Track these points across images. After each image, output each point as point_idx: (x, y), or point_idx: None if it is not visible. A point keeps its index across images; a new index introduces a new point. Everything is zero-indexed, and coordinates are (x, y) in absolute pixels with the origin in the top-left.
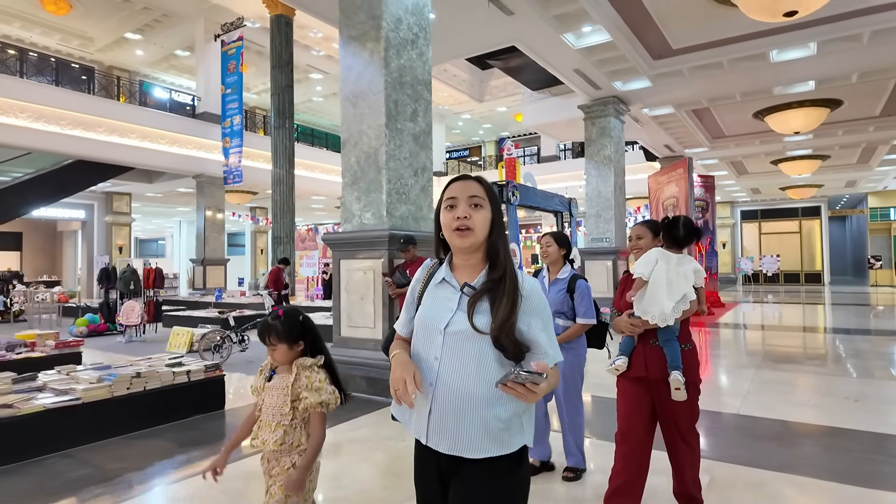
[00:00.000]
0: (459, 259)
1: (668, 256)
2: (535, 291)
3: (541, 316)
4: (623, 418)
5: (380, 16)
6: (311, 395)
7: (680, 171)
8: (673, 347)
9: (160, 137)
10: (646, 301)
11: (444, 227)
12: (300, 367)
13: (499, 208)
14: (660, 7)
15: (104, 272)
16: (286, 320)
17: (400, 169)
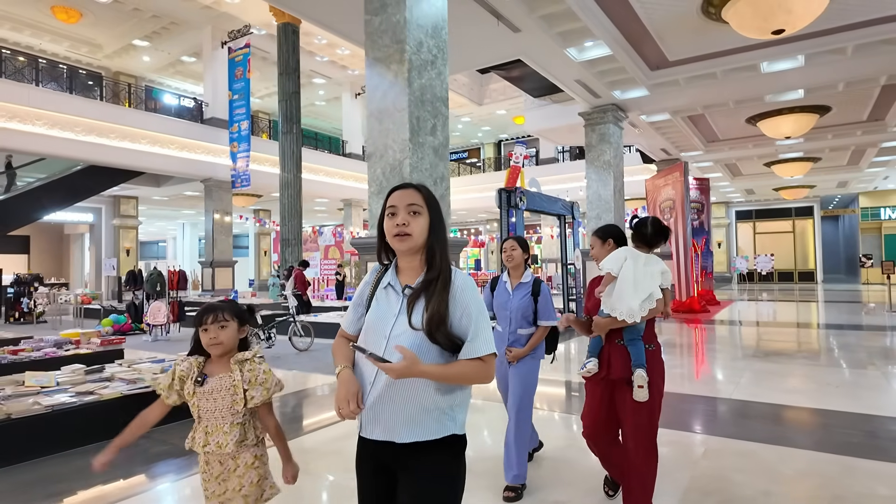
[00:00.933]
0: (402, 262)
1: (636, 255)
2: (467, 285)
3: (471, 307)
4: (586, 416)
5: (403, 40)
6: (257, 391)
7: (676, 174)
8: (637, 346)
9: (170, 142)
10: (614, 298)
11: (387, 232)
12: (238, 362)
13: (438, 214)
14: (656, 23)
15: (131, 275)
16: (233, 304)
17: (422, 179)
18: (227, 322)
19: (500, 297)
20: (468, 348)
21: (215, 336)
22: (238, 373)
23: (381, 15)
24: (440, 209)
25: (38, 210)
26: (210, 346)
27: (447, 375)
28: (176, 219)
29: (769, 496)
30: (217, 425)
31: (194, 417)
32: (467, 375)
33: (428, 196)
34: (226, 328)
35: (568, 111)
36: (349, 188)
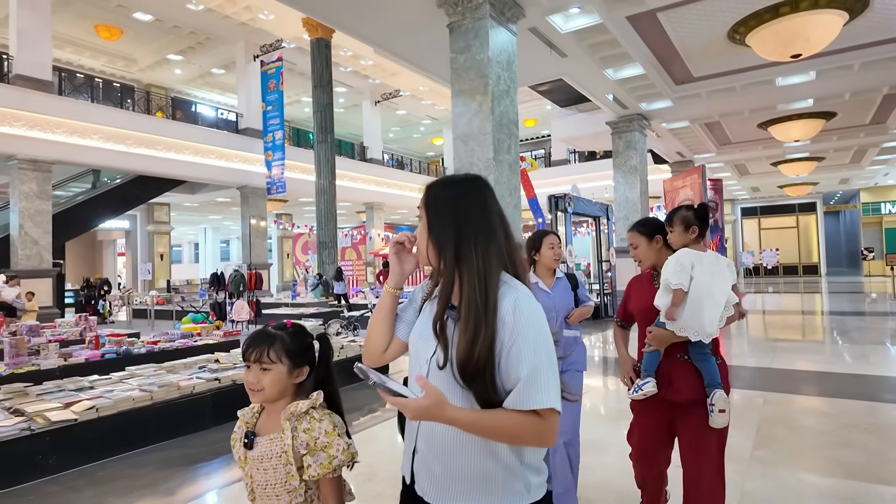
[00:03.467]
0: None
1: (699, 256)
2: (521, 310)
3: (526, 340)
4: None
5: (487, 75)
6: (316, 461)
7: (694, 176)
8: (710, 363)
9: (210, 152)
10: (687, 316)
11: None
12: (292, 417)
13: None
14: (686, 47)
15: (214, 276)
16: (297, 333)
17: (501, 191)
18: (272, 364)
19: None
20: (518, 394)
21: (256, 381)
22: (290, 433)
23: (465, 54)
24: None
25: (94, 218)
26: (249, 391)
27: (481, 426)
28: (199, 223)
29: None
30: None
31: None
32: (513, 431)
33: (428, 191)
34: (269, 371)
35: (594, 119)
36: (370, 192)
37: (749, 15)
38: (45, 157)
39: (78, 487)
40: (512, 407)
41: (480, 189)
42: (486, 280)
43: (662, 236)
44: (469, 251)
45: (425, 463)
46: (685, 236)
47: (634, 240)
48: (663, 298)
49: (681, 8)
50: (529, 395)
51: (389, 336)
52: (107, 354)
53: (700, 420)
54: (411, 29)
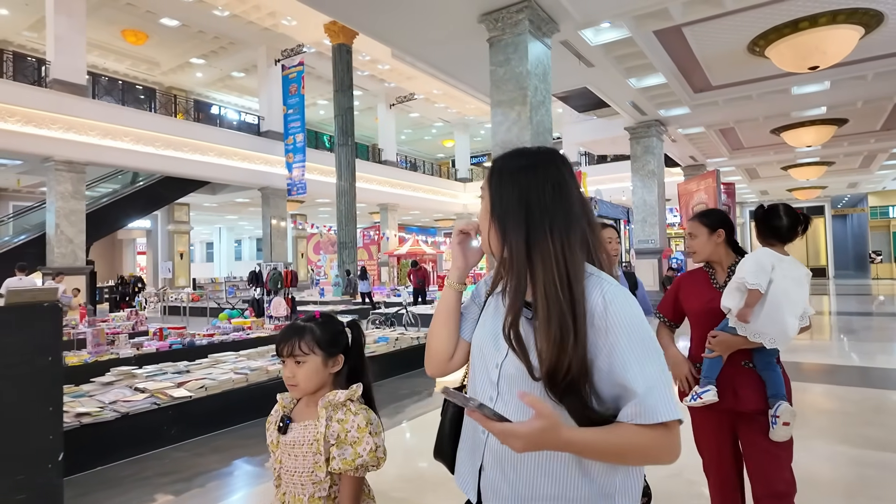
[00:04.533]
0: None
1: (780, 259)
2: (614, 304)
3: (630, 340)
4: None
5: (526, 87)
6: (341, 454)
7: (709, 180)
8: (775, 372)
9: (233, 154)
10: (763, 320)
11: None
12: (329, 406)
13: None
14: (707, 58)
15: (253, 274)
16: (327, 322)
17: None
18: (306, 356)
19: None
20: (640, 406)
21: (292, 375)
22: (324, 421)
23: (504, 66)
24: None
25: (123, 218)
26: (289, 388)
27: (606, 449)
28: (215, 223)
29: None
30: (295, 494)
31: (273, 477)
32: (643, 450)
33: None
34: (303, 364)
35: (611, 125)
36: (385, 193)
37: (769, 29)
38: (80, 158)
39: (202, 454)
40: (632, 421)
41: (557, 164)
42: (570, 271)
43: (725, 231)
44: (544, 236)
45: (492, 483)
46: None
47: (694, 230)
48: (733, 299)
49: (705, 22)
50: (655, 407)
51: (455, 340)
52: (173, 345)
53: (766, 431)
54: (450, 42)
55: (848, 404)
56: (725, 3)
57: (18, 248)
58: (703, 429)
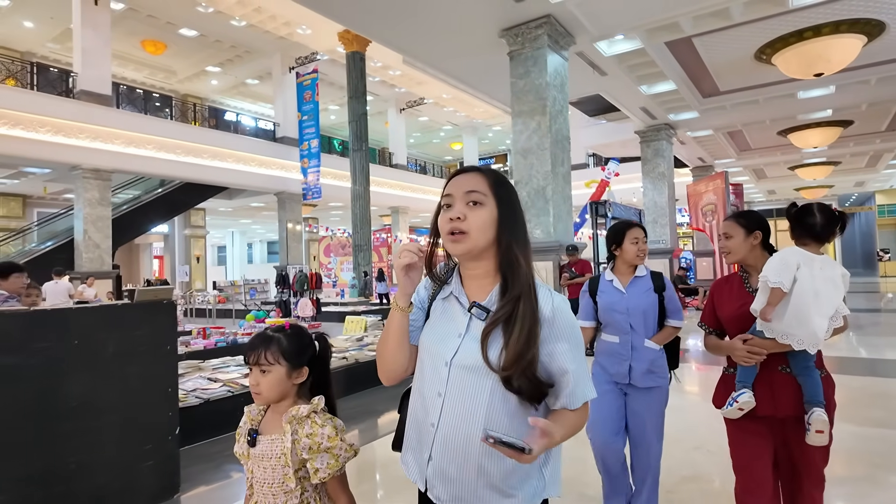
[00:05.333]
0: (466, 269)
1: (809, 258)
2: (561, 311)
3: (569, 341)
4: (745, 468)
5: (545, 98)
6: (322, 462)
7: (718, 182)
8: (812, 377)
9: (250, 160)
10: (788, 320)
11: (440, 230)
12: (294, 421)
13: (511, 206)
14: (716, 65)
15: (280, 276)
16: (295, 335)
17: (557, 199)
18: (271, 366)
19: (609, 298)
20: (573, 395)
21: (256, 383)
22: (290, 436)
23: (525, 79)
24: (516, 200)
25: (147, 224)
26: (252, 393)
27: (569, 432)
28: (228, 227)
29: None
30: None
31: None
32: (579, 426)
33: (496, 181)
34: (268, 373)
35: (621, 128)
36: (396, 196)
37: (775, 39)
38: (106, 166)
39: None
40: (567, 407)
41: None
42: (536, 290)
43: (763, 233)
44: (530, 259)
45: (440, 469)
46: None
47: (730, 230)
48: (759, 301)
49: (714, 33)
50: (583, 394)
51: (408, 354)
52: (218, 343)
53: (803, 437)
54: (471, 55)
55: (853, 391)
56: (734, 16)
57: (47, 253)
58: (739, 436)
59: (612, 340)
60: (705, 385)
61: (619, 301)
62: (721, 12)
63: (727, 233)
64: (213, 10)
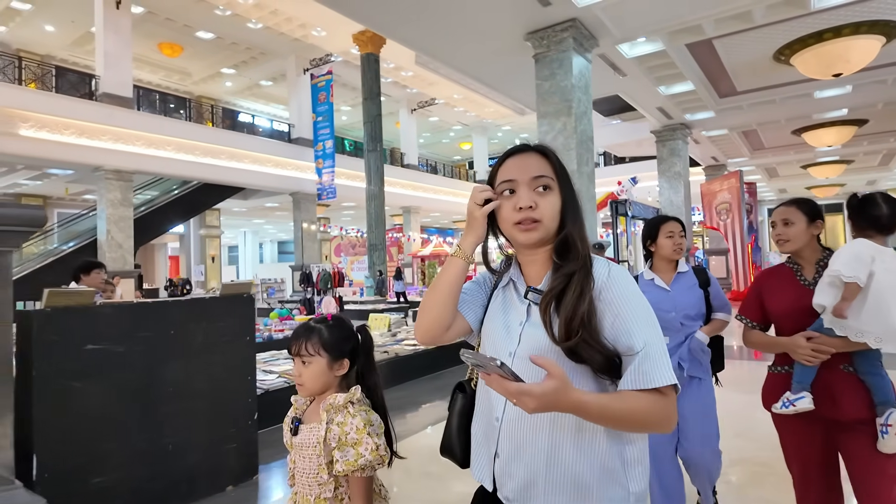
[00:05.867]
0: (523, 256)
1: (881, 251)
2: (619, 276)
3: (631, 309)
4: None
5: (570, 100)
6: (343, 456)
7: (732, 181)
8: (882, 377)
9: (266, 161)
10: (866, 317)
11: (503, 219)
12: (331, 409)
13: (572, 187)
14: (734, 66)
15: (304, 275)
16: (336, 326)
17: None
18: (311, 357)
19: (653, 298)
20: (634, 374)
21: (298, 374)
22: (325, 424)
23: (550, 81)
24: (571, 180)
25: (166, 224)
26: (296, 385)
27: (612, 410)
28: (240, 227)
29: None
30: (305, 496)
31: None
32: (642, 414)
33: (558, 162)
34: (309, 364)
35: (637, 128)
36: (407, 196)
37: (795, 40)
38: (128, 167)
39: None
40: (632, 387)
41: None
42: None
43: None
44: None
45: (508, 468)
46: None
47: (791, 216)
48: (827, 296)
49: (734, 35)
50: (651, 372)
51: (455, 311)
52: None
53: (871, 442)
54: (495, 57)
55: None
56: (755, 19)
57: (71, 254)
58: (794, 441)
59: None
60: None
61: (664, 299)
62: (743, 15)
63: (787, 219)
64: (231, 12)
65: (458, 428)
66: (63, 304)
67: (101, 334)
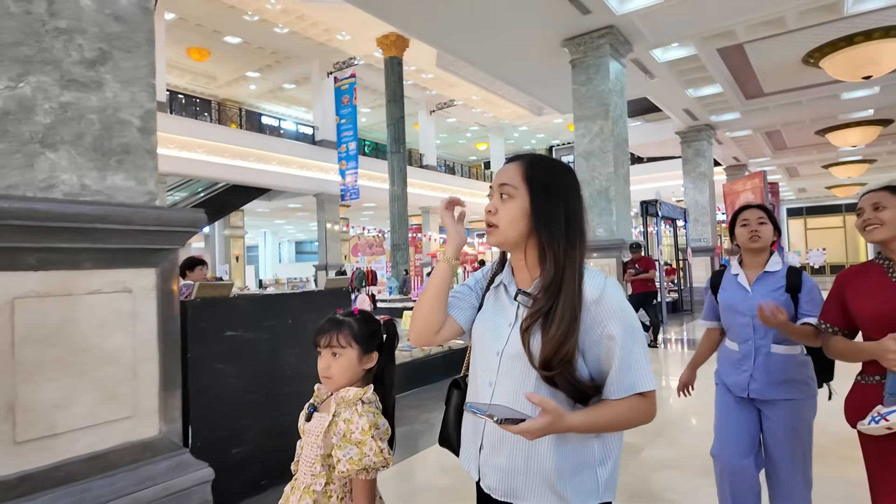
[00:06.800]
0: (511, 259)
1: None
2: (610, 293)
3: (618, 323)
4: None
5: (607, 104)
6: (346, 455)
7: (756, 180)
8: None
9: (292, 162)
10: None
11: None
12: (341, 402)
13: (547, 192)
14: (763, 68)
15: (339, 273)
16: (364, 320)
17: (619, 199)
18: (343, 349)
19: (732, 297)
20: (619, 383)
21: (326, 366)
22: (330, 416)
23: (587, 85)
24: (555, 186)
25: None
26: (321, 377)
27: (599, 423)
28: (261, 227)
29: None
30: (298, 483)
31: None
32: (626, 418)
33: (532, 171)
34: (340, 357)
35: (660, 129)
36: (426, 197)
37: (825, 43)
38: (162, 169)
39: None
40: (617, 396)
41: (579, 185)
42: (582, 278)
43: None
44: (573, 246)
45: (491, 459)
46: None
47: (886, 201)
48: None
49: (765, 39)
50: (633, 380)
51: (444, 314)
52: None
53: None
54: (530, 62)
55: None
56: (788, 24)
57: None
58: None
59: (731, 348)
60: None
61: (741, 301)
62: (776, 20)
63: (879, 203)
64: (259, 18)
65: (453, 422)
66: (209, 296)
67: (236, 322)
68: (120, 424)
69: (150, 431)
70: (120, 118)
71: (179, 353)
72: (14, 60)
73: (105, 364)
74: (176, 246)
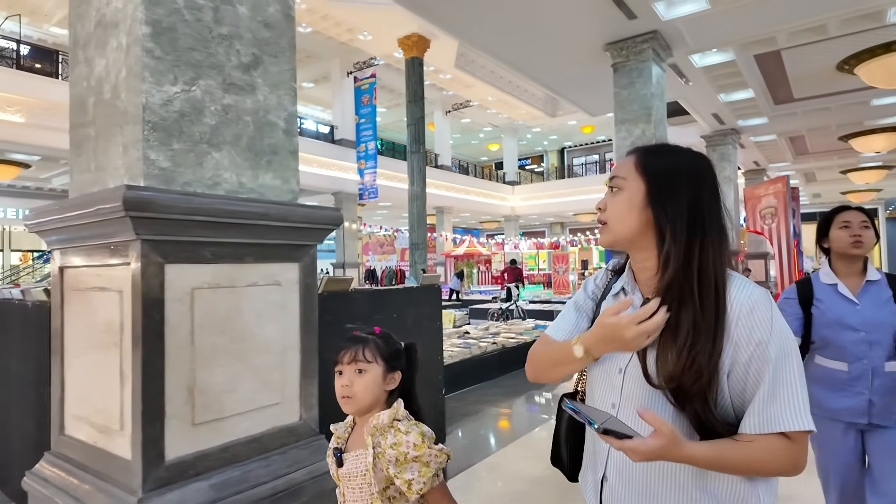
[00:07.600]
0: (632, 261)
1: None
2: (757, 306)
3: (765, 345)
4: None
5: (650, 107)
6: (412, 472)
7: (779, 185)
8: None
9: (312, 161)
10: None
11: None
12: (376, 432)
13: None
14: (797, 75)
15: (369, 272)
16: (386, 337)
17: None
18: (368, 364)
19: (835, 310)
20: (760, 414)
21: (349, 383)
22: (371, 450)
23: (629, 89)
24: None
25: None
26: (341, 398)
27: (725, 461)
28: None
29: None
30: None
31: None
32: (762, 464)
33: (646, 158)
34: (364, 373)
35: (685, 132)
36: (441, 196)
37: (862, 50)
38: None
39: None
40: (754, 431)
41: (714, 174)
42: (720, 284)
43: None
44: (703, 243)
45: (615, 492)
46: None
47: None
48: None
49: (803, 46)
50: (779, 415)
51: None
52: None
53: None
54: (570, 66)
55: None
56: (829, 31)
57: None
58: None
59: (835, 367)
60: None
61: (850, 314)
62: (818, 28)
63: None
64: None
65: (565, 441)
66: (333, 290)
67: (354, 315)
68: (270, 410)
69: (292, 417)
70: (269, 120)
71: (317, 343)
72: (189, 65)
73: (261, 352)
74: (317, 242)
